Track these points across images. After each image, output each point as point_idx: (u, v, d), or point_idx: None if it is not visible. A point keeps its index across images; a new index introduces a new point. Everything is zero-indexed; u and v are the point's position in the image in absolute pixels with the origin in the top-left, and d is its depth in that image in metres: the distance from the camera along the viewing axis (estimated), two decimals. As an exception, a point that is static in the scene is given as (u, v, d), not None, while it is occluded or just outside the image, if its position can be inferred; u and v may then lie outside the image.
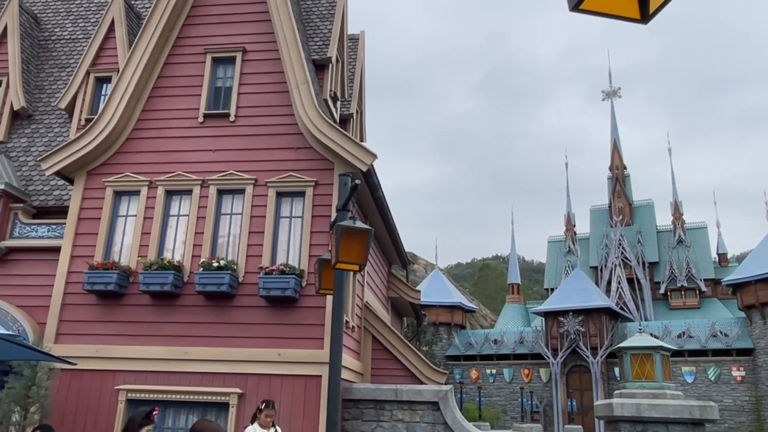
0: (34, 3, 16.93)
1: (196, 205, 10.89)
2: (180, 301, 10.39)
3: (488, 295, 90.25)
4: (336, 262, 5.76)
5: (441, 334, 46.46)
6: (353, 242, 5.74)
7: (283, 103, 11.26)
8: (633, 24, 2.12)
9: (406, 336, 21.59)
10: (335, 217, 6.29)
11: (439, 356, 44.50)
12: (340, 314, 6.22)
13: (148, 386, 9.93)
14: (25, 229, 11.82)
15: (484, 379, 43.54)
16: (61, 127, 14.00)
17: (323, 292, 6.83)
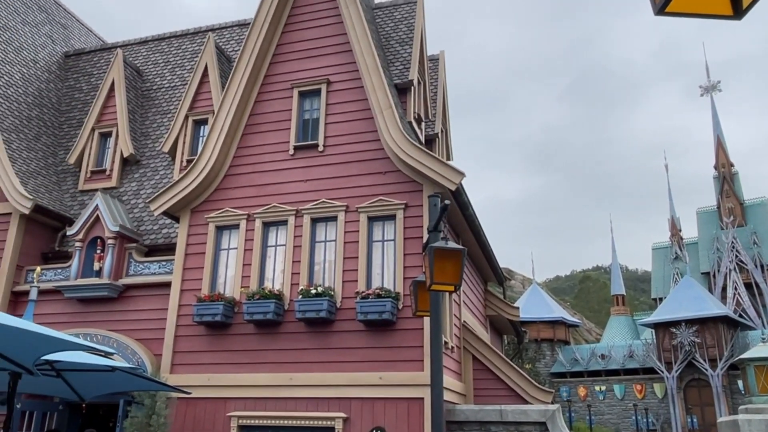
0: (136, 57, 18.30)
1: (292, 234, 11.26)
2: (282, 328, 10.72)
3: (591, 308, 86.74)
4: (431, 283, 5.75)
5: (544, 350, 45.05)
6: (447, 263, 5.73)
7: (369, 129, 11.48)
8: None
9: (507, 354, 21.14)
10: (427, 238, 6.30)
11: (543, 374, 43.11)
12: (439, 335, 6.19)
13: (257, 412, 10.27)
14: (139, 266, 12.65)
15: (593, 397, 41.69)
16: (166, 169, 14.95)
17: (420, 314, 6.83)
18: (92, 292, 12.44)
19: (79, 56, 19.00)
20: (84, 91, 17.89)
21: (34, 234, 13.92)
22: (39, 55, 17.69)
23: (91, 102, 16.77)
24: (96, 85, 17.51)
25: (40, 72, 17.46)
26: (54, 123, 17.01)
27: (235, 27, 17.78)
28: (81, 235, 12.85)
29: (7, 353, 4.37)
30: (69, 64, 18.91)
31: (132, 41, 19.03)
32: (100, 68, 18.17)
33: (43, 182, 14.82)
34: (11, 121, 15.10)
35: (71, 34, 20.14)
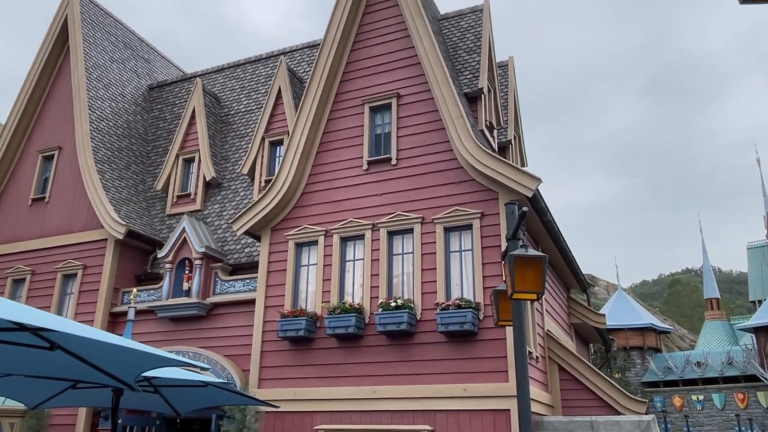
0: (213, 84, 19.13)
1: (369, 248, 11.37)
2: (364, 341, 10.82)
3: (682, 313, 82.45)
4: (512, 292, 5.66)
5: (633, 359, 43.19)
6: (528, 271, 5.62)
7: (441, 140, 11.48)
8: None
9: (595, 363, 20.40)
10: (506, 246, 6.21)
11: (634, 383, 41.29)
12: (522, 345, 6.07)
13: (343, 426, 10.39)
14: (225, 285, 13.13)
15: (690, 407, 39.52)
16: (246, 190, 15.49)
17: (502, 324, 6.72)
18: (183, 311, 13.01)
19: (162, 88, 20.07)
20: (168, 120, 18.85)
21: (128, 257, 14.74)
22: (126, 90, 18.81)
23: (175, 130, 17.65)
24: (178, 114, 18.42)
25: (128, 105, 18.54)
26: (142, 152, 18.00)
27: (305, 49, 18.27)
28: (170, 257, 13.49)
29: (111, 370, 4.63)
30: (153, 96, 20.00)
31: (209, 70, 19.92)
32: (181, 98, 19.10)
33: (134, 208, 15.69)
34: (104, 152, 16.10)
35: (154, 67, 21.30)
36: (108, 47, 18.83)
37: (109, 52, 18.79)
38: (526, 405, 5.85)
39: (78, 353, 4.35)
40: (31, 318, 3.48)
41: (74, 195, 15.60)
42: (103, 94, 17.39)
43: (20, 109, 17.11)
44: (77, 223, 15.23)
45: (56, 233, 15.42)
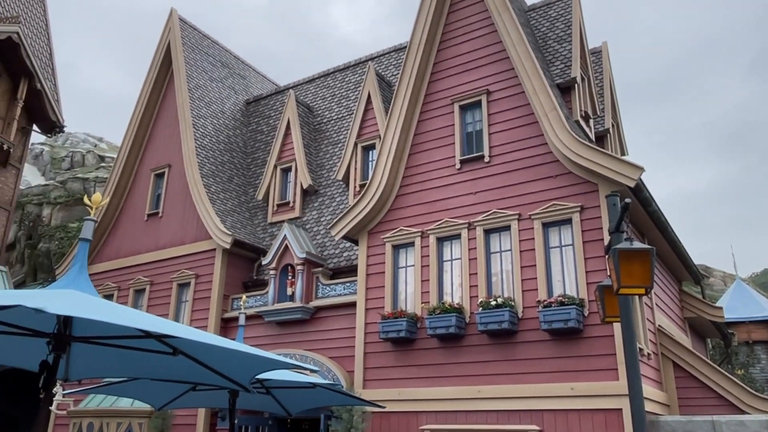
0: (305, 95, 19.73)
1: (466, 247, 11.32)
2: (465, 341, 10.78)
3: (812, 303, 75.58)
4: (618, 287, 5.46)
5: (758, 354, 40.09)
6: (634, 264, 5.40)
7: (534, 134, 11.24)
8: None
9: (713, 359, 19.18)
10: (609, 240, 6.00)
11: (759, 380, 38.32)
12: (632, 342, 5.83)
13: (448, 425, 10.39)
14: (326, 289, 13.51)
15: (826, 405, 36.19)
16: (341, 196, 15.86)
17: (609, 320, 6.49)
18: (288, 316, 13.51)
19: (258, 102, 20.95)
20: (264, 132, 19.65)
21: (235, 265, 15.49)
22: (225, 106, 19.80)
23: (272, 142, 18.37)
24: (274, 126, 19.16)
25: (227, 120, 19.51)
26: (242, 164, 18.87)
27: (392, 53, 18.46)
28: (274, 263, 14.05)
29: (227, 373, 4.91)
30: (250, 110, 20.92)
31: (301, 81, 20.57)
32: (276, 110, 19.86)
33: (239, 218, 16.47)
34: (209, 167, 17.03)
35: (249, 83, 22.28)
36: (207, 67, 19.89)
37: (209, 71, 19.84)
38: (639, 404, 5.62)
39: (197, 358, 4.65)
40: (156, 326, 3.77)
41: (184, 209, 16.60)
42: (205, 112, 18.40)
43: (133, 131, 18.44)
44: (188, 235, 16.19)
45: (170, 245, 16.46)
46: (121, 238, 17.79)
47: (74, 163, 38.25)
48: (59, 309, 3.11)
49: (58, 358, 3.97)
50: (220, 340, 4.05)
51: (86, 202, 4.54)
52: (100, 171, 35.42)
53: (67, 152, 39.27)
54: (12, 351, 4.70)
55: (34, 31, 23.58)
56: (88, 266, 17.27)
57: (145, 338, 4.26)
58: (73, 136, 43.86)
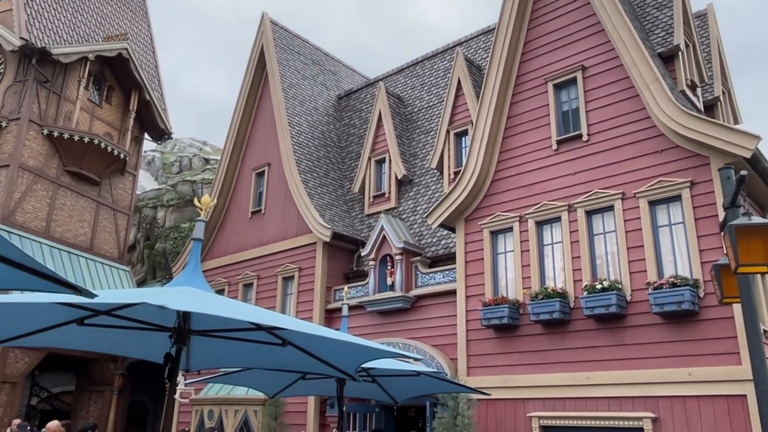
0: (395, 85, 19.83)
1: (567, 230, 10.98)
2: (570, 326, 10.48)
3: None
4: (737, 266, 5.10)
5: None
6: (754, 241, 5.03)
7: (635, 109, 10.70)
8: None
9: None
10: (724, 216, 5.62)
11: None
12: (755, 323, 5.44)
13: (557, 413, 10.18)
14: (425, 278, 13.57)
15: None
16: (436, 184, 15.85)
17: (727, 301, 6.08)
18: (389, 305, 13.70)
19: (349, 96, 21.30)
20: (357, 126, 19.96)
21: (335, 258, 15.90)
22: (318, 103, 20.29)
23: (364, 135, 18.63)
24: (366, 119, 19.42)
25: (321, 117, 19.99)
26: (337, 159, 19.29)
27: (480, 36, 18.16)
28: (373, 254, 14.28)
29: (334, 362, 5.07)
30: (342, 105, 21.32)
31: (390, 72, 20.69)
32: (367, 103, 20.10)
33: (336, 212, 16.87)
34: (306, 163, 17.54)
35: (340, 78, 22.70)
36: (299, 66, 20.45)
37: (300, 70, 20.39)
38: (765, 390, 5.24)
39: (305, 348, 4.83)
40: (265, 319, 3.95)
41: (284, 205, 17.22)
42: (299, 110, 18.94)
43: (234, 133, 19.32)
44: (289, 229, 16.79)
45: (273, 241, 17.14)
46: (229, 236, 18.73)
47: (182, 167, 40.65)
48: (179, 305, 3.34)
49: (179, 351, 4.27)
50: (326, 331, 4.19)
51: (196, 204, 4.83)
52: (205, 173, 37.44)
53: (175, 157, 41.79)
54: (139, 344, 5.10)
55: (140, 46, 25.22)
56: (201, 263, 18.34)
57: (256, 330, 4.48)
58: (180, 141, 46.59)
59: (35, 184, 19.96)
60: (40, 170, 20.15)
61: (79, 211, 21.44)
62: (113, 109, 23.37)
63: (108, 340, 5.06)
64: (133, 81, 23.35)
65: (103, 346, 5.41)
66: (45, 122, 20.41)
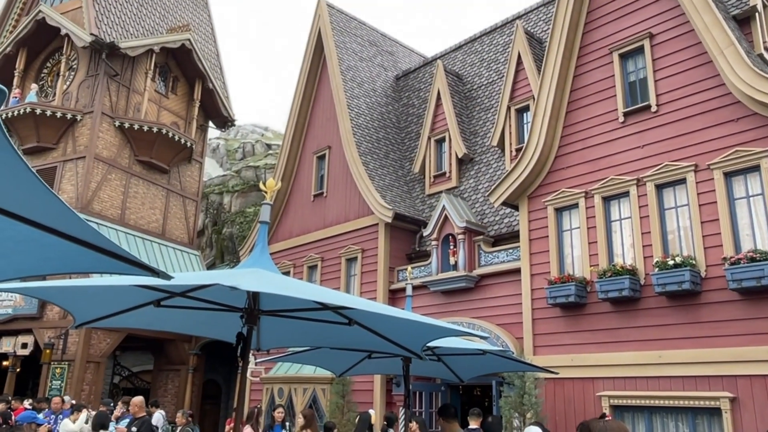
0: (453, 63, 19.57)
1: (636, 205, 10.63)
2: (640, 304, 10.18)
3: None
4: (823, 238, 4.82)
5: None
6: (843, 211, 4.73)
7: (708, 76, 10.17)
8: None
9: None
10: (809, 185, 5.31)
11: None
12: None
13: (628, 392, 9.95)
14: (489, 257, 13.45)
15: None
16: (497, 162, 15.61)
17: (813, 276, 5.76)
18: (452, 285, 13.67)
19: (407, 76, 21.18)
20: (416, 105, 19.85)
21: (398, 238, 15.96)
22: (376, 84, 20.28)
23: (423, 114, 18.52)
24: (424, 98, 19.28)
25: (379, 98, 19.98)
26: (396, 139, 19.27)
27: (540, 8, 17.65)
28: (435, 234, 14.26)
29: (400, 341, 5.11)
30: (400, 85, 21.23)
31: (448, 50, 20.43)
32: (425, 82, 19.94)
33: (397, 193, 16.90)
34: (365, 145, 17.62)
35: (397, 58, 22.58)
36: (356, 48, 20.47)
37: (358, 52, 20.41)
38: None
39: (371, 327, 4.89)
40: (331, 298, 4.02)
41: (346, 187, 17.38)
42: (357, 92, 19.00)
43: (294, 117, 19.59)
44: (351, 211, 16.95)
45: (335, 223, 17.37)
46: (293, 219, 19.09)
47: (246, 153, 41.60)
48: (249, 286, 3.44)
49: (250, 330, 4.40)
50: (391, 310, 4.22)
51: (261, 188, 4.93)
52: (268, 158, 38.20)
53: (239, 144, 42.81)
54: (212, 325, 5.29)
55: (202, 36, 25.84)
56: (266, 247, 18.81)
57: (322, 310, 4.56)
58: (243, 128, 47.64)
59: (109, 174, 20.92)
60: (113, 160, 21.09)
61: (150, 198, 22.35)
62: (178, 99, 24.14)
63: (182, 321, 5.27)
64: (196, 71, 24.01)
65: (177, 327, 5.65)
66: (116, 114, 21.30)
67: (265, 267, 4.29)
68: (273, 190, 4.83)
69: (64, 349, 18.33)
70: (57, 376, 18.33)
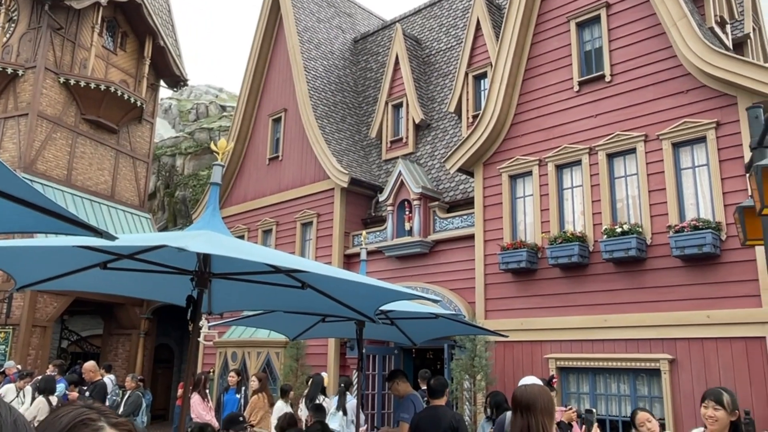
0: (413, 27, 19.35)
1: (588, 173, 10.84)
2: (589, 270, 10.48)
3: None
4: (762, 207, 5.00)
5: None
6: (781, 181, 4.91)
7: (661, 47, 10.35)
8: None
9: None
10: (750, 156, 5.48)
11: None
12: (779, 266, 5.38)
13: (574, 354, 10.30)
14: (443, 222, 13.57)
15: None
16: (454, 128, 15.64)
17: (750, 244, 6.00)
18: (407, 250, 13.77)
19: (365, 39, 20.86)
20: (373, 69, 19.62)
21: (353, 203, 15.92)
22: (334, 46, 19.92)
23: (381, 79, 18.34)
24: (383, 63, 19.06)
25: (337, 61, 19.66)
26: (354, 103, 19.07)
27: (500, -27, 17.52)
28: (390, 200, 14.27)
29: (353, 305, 5.13)
30: (358, 48, 20.92)
31: (407, 13, 20.17)
32: (384, 46, 19.70)
33: (354, 157, 16.79)
34: (322, 108, 17.37)
35: (356, 20, 22.19)
36: (314, 8, 20.00)
37: (315, 13, 19.95)
38: (786, 331, 5.22)
39: (325, 291, 4.88)
40: (284, 261, 3.98)
41: (302, 151, 17.16)
42: (315, 54, 18.63)
43: (249, 79, 19.11)
44: (307, 176, 16.79)
45: (291, 187, 17.19)
46: (247, 182, 18.80)
47: (199, 114, 40.54)
48: (199, 247, 3.36)
49: (201, 293, 4.33)
50: (344, 274, 4.21)
51: (213, 148, 4.80)
52: (222, 120, 37.33)
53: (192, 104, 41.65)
54: (162, 288, 5.18)
55: (152, -10, 24.73)
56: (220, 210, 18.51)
57: (275, 273, 4.52)
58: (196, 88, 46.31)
59: (54, 133, 20.09)
60: (58, 119, 20.23)
61: (99, 159, 21.62)
62: (128, 56, 23.22)
63: (131, 284, 5.15)
64: (146, 27, 23.08)
65: (126, 290, 5.52)
66: (61, 70, 20.37)
67: (215, 229, 4.20)
68: (225, 151, 4.71)
69: (8, 313, 17.79)
70: (0, 341, 17.83)
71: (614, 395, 9.94)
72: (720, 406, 4.38)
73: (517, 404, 3.36)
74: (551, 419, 3.33)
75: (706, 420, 4.45)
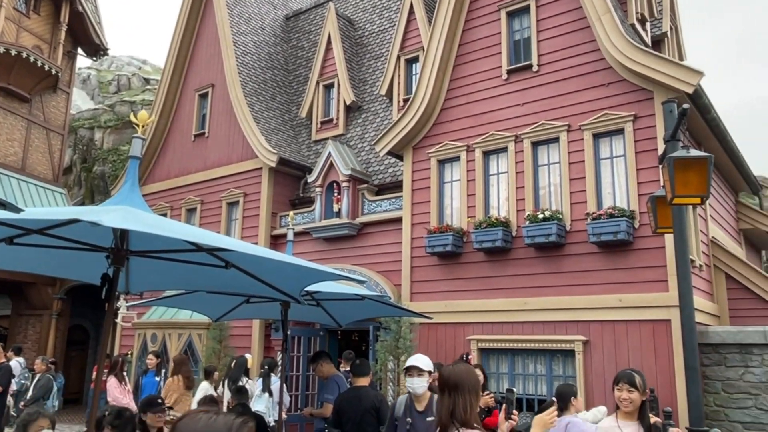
0: (346, 7, 19.14)
1: (513, 160, 11.11)
2: (512, 254, 10.79)
3: None
4: (672, 197, 5.28)
5: (814, 266, 39.07)
6: (690, 173, 5.19)
7: (586, 40, 10.69)
8: None
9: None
10: (664, 149, 5.76)
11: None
12: (684, 253, 5.70)
13: (495, 336, 10.61)
14: (372, 205, 13.60)
15: None
16: (385, 111, 15.64)
17: (661, 231, 6.33)
18: (335, 232, 13.73)
19: (298, 17, 20.45)
20: (305, 48, 19.29)
21: (282, 184, 15.69)
22: (265, 22, 19.43)
23: (313, 58, 18.06)
24: (315, 42, 18.77)
25: (268, 37, 19.19)
26: (284, 82, 18.71)
27: (434, -42, 17.56)
28: (319, 181, 14.15)
29: (278, 285, 5.05)
30: (290, 26, 20.49)
31: (341, -7, 19.90)
32: (316, 25, 19.38)
33: (283, 137, 16.51)
34: (251, 86, 16.95)
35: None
36: (245, -18, 19.40)
37: (247, -14, 19.36)
38: (689, 315, 5.55)
39: (249, 270, 4.78)
40: (206, 239, 3.84)
41: (229, 128, 16.71)
42: (245, 29, 18.12)
43: (175, 51, 18.37)
44: (234, 154, 16.38)
45: (217, 165, 16.73)
46: (171, 159, 18.16)
47: (121, 86, 38.74)
48: (114, 222, 3.20)
49: (117, 272, 4.13)
50: (269, 253, 4.12)
51: (132, 120, 4.57)
52: (146, 93, 35.83)
53: (113, 76, 39.72)
54: (75, 266, 4.92)
55: (71, -49, 23.30)
56: (142, 187, 17.79)
57: (197, 252, 4.38)
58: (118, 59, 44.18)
59: (-42, 99, 18.66)
60: (-38, 84, 18.79)
61: (8, 128, 20.29)
62: (42, 20, 21.80)
63: (42, 261, 4.86)
64: (63, -10, 21.73)
65: (36, 267, 5.21)
66: (-34, 31, 18.90)
67: (134, 205, 4.00)
68: (146, 124, 4.49)
69: None
70: None
71: (531, 375, 10.32)
72: (633, 388, 4.61)
73: (444, 384, 3.41)
74: (477, 398, 3.41)
75: (621, 402, 4.66)
